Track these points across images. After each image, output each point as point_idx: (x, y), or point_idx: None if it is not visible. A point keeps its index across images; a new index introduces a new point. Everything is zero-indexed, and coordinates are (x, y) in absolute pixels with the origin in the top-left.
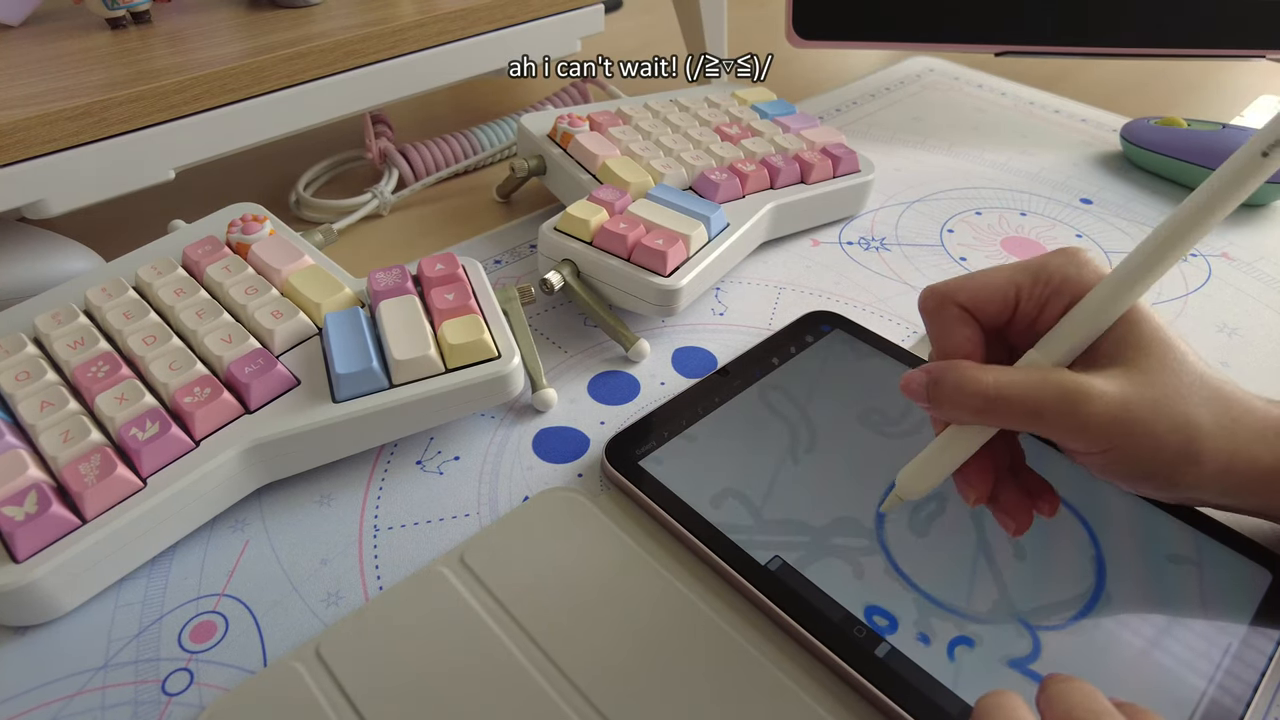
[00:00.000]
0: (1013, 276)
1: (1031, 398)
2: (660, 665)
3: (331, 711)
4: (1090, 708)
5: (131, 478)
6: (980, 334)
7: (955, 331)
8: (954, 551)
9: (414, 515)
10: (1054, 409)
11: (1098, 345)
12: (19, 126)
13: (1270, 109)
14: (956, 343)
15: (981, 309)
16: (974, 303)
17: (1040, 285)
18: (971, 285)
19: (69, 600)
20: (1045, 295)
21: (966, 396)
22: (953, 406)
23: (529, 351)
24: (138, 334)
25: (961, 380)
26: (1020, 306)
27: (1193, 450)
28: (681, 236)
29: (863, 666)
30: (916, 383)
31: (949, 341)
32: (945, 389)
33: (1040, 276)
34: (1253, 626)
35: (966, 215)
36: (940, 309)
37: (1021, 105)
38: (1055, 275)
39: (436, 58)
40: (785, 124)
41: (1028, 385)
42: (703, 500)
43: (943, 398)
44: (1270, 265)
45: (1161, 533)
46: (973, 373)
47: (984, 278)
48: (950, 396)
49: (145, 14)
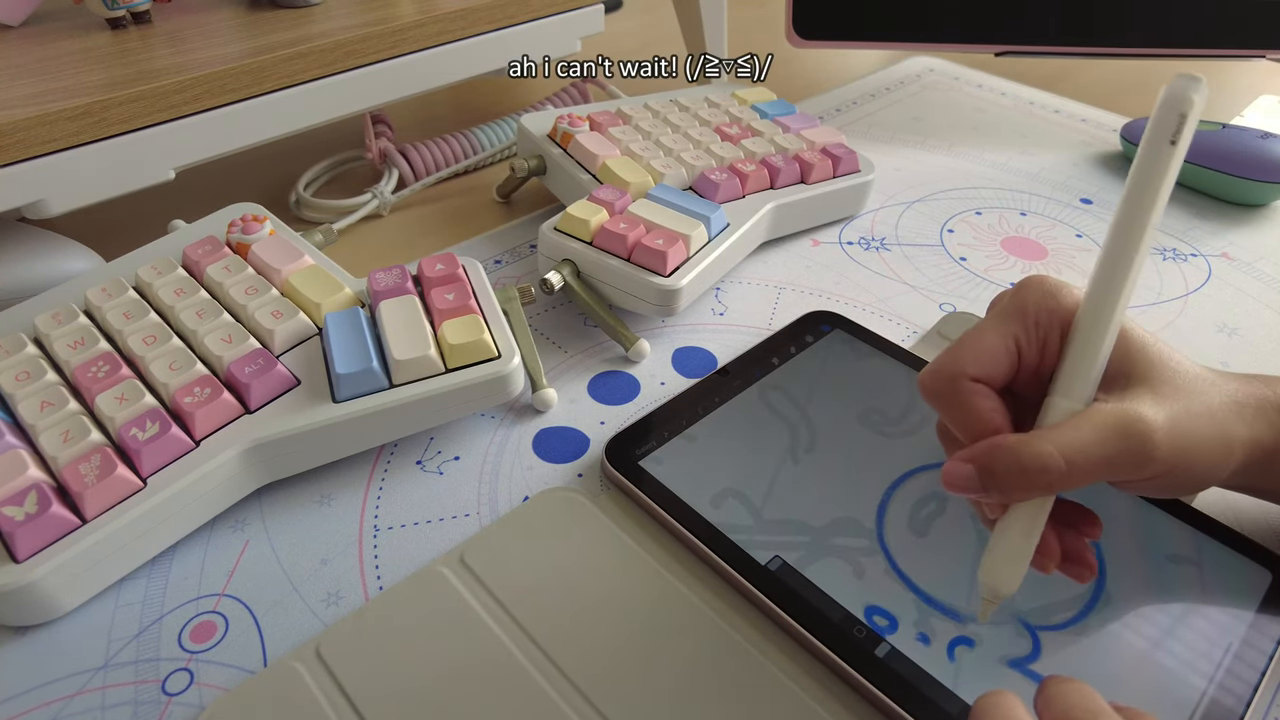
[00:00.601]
0: (1007, 330)
1: (1098, 451)
2: (660, 665)
3: (331, 711)
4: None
5: (131, 478)
6: (1002, 404)
7: (978, 407)
8: (954, 552)
9: (414, 515)
10: (1124, 452)
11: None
12: (19, 126)
13: (1270, 109)
14: (985, 419)
15: (994, 376)
16: (985, 372)
17: (1032, 330)
18: (976, 354)
19: (69, 600)
20: (1041, 338)
21: (1033, 475)
22: (1019, 490)
23: (529, 351)
24: (138, 334)
25: (1021, 460)
26: (1023, 358)
27: (1227, 444)
28: (681, 236)
29: (863, 666)
30: (963, 476)
31: (975, 420)
32: (1004, 475)
33: (1028, 321)
34: (1253, 627)
35: (966, 215)
36: (953, 388)
37: (1021, 105)
38: (1041, 314)
39: (436, 58)
40: (785, 124)
41: (1092, 440)
42: (703, 500)
43: (1004, 484)
44: (1270, 265)
45: (1161, 533)
46: (1032, 450)
47: (982, 343)
48: (1013, 481)
49: (145, 14)
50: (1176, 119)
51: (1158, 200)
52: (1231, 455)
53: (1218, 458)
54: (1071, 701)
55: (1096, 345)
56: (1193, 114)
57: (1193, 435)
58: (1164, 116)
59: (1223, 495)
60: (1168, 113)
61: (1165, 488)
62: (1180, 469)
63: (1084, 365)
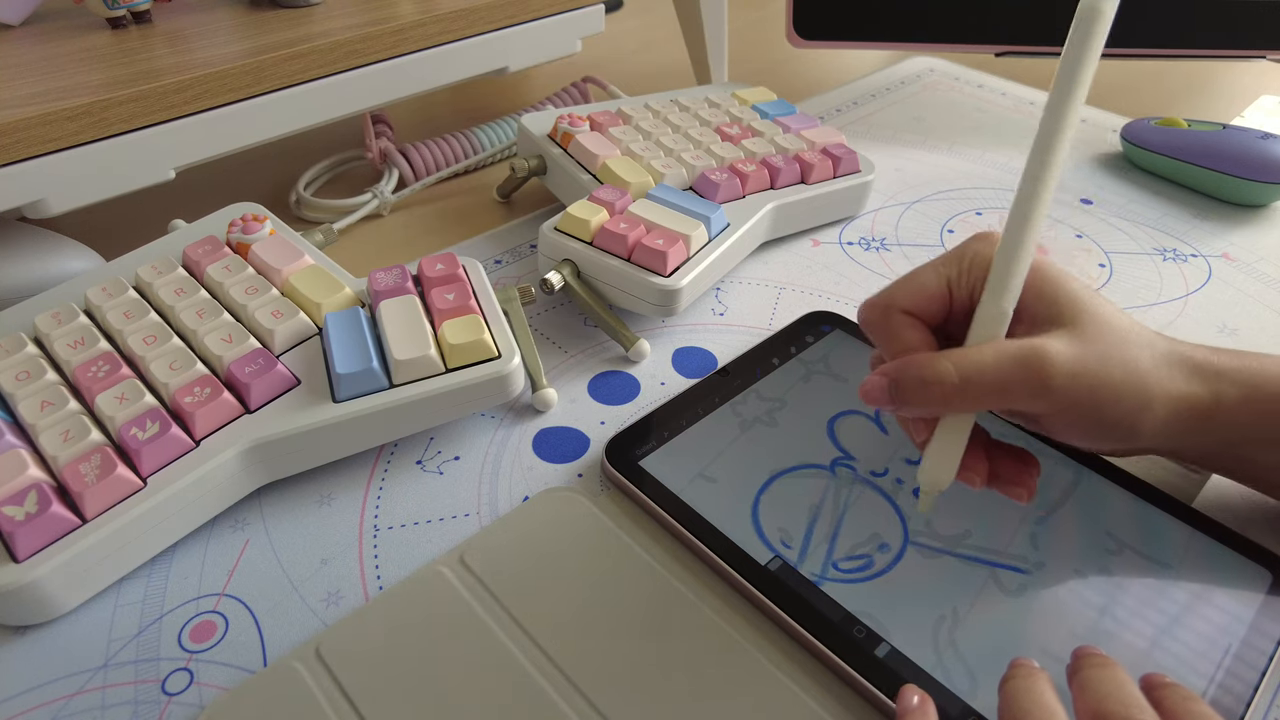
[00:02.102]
0: (941, 271)
1: (993, 372)
2: (660, 665)
3: (331, 711)
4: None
5: (131, 477)
6: (930, 334)
7: (906, 337)
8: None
9: (414, 515)
10: (1019, 378)
11: (1032, 312)
12: (19, 126)
13: (1270, 109)
14: (911, 348)
15: (924, 310)
16: (916, 306)
17: (965, 273)
18: (909, 289)
19: (69, 600)
20: (973, 281)
21: (931, 389)
22: (920, 402)
23: (529, 351)
24: (138, 334)
25: (923, 375)
26: (955, 298)
27: (1145, 396)
28: (682, 236)
29: (863, 666)
30: (877, 388)
31: (902, 348)
32: (908, 387)
33: (963, 264)
34: (1253, 626)
35: (967, 215)
36: (885, 319)
37: (1021, 105)
38: (977, 260)
39: (436, 58)
40: (785, 124)
41: (987, 362)
42: (703, 500)
43: (907, 396)
44: (1270, 265)
45: (1162, 532)
46: (932, 365)
47: (917, 279)
48: (915, 393)
49: (146, 13)
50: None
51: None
52: (1150, 407)
53: (1132, 405)
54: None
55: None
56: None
57: (1103, 378)
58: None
59: (1223, 495)
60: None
61: (1080, 429)
62: (1085, 409)
63: (1000, 270)
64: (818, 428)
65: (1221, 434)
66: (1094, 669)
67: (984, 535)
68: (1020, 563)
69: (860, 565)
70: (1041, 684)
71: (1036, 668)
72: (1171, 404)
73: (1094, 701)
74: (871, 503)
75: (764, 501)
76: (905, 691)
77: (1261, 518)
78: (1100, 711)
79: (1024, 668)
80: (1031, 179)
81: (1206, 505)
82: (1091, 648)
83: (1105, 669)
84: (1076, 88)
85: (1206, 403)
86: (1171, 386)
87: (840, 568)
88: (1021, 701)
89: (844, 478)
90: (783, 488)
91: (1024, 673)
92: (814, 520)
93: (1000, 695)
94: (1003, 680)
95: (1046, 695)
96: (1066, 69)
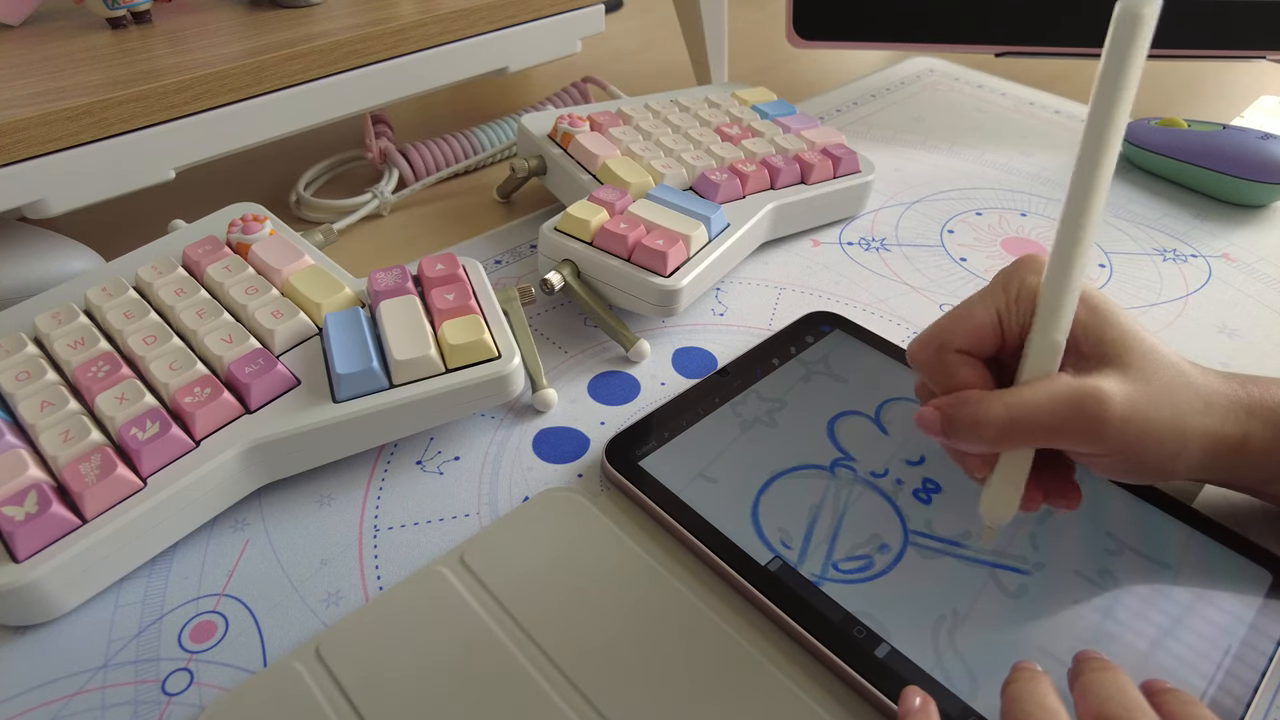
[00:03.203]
0: (991, 304)
1: (1048, 415)
2: (660, 665)
3: (331, 711)
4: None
5: (131, 477)
6: (985, 370)
7: (962, 375)
8: None
9: (414, 515)
10: (1073, 421)
11: (1080, 347)
12: (19, 126)
13: (1270, 109)
14: (969, 384)
15: (979, 346)
16: (970, 343)
17: (1014, 303)
18: (961, 326)
19: (69, 600)
20: (1023, 312)
21: (983, 430)
22: (972, 440)
23: (529, 352)
24: (138, 334)
25: (975, 416)
26: (1006, 331)
27: (1184, 438)
28: (682, 237)
29: (863, 666)
30: (931, 421)
31: (958, 387)
32: (960, 425)
33: (1010, 294)
34: (1253, 627)
35: (967, 215)
36: (940, 358)
37: (1021, 105)
38: (1024, 287)
39: (436, 58)
40: (786, 124)
41: (1040, 402)
42: (703, 500)
43: (959, 433)
44: (1270, 265)
45: (1162, 533)
46: (985, 405)
47: (969, 315)
48: (967, 431)
49: (146, 14)
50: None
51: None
52: (1187, 448)
53: (1171, 448)
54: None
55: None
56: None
57: (1150, 421)
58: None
59: (1223, 495)
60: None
61: (1121, 469)
62: (1132, 451)
63: (1049, 300)
64: (818, 428)
65: (1250, 470)
66: (1095, 672)
67: None
68: (1020, 563)
69: (860, 566)
70: (1044, 687)
71: (1039, 670)
72: (1206, 443)
73: (1096, 704)
74: (871, 503)
75: (764, 502)
76: (907, 693)
77: (1261, 518)
78: (1102, 714)
79: (1026, 670)
80: (1077, 202)
81: (1206, 505)
82: (1092, 652)
83: (1106, 672)
84: (1119, 101)
85: (1236, 440)
86: (1207, 426)
87: (840, 568)
88: (1025, 704)
89: (844, 478)
90: (783, 488)
91: (1026, 675)
92: (814, 521)
93: (1003, 697)
94: (1006, 683)
95: (1049, 698)
96: (1107, 81)
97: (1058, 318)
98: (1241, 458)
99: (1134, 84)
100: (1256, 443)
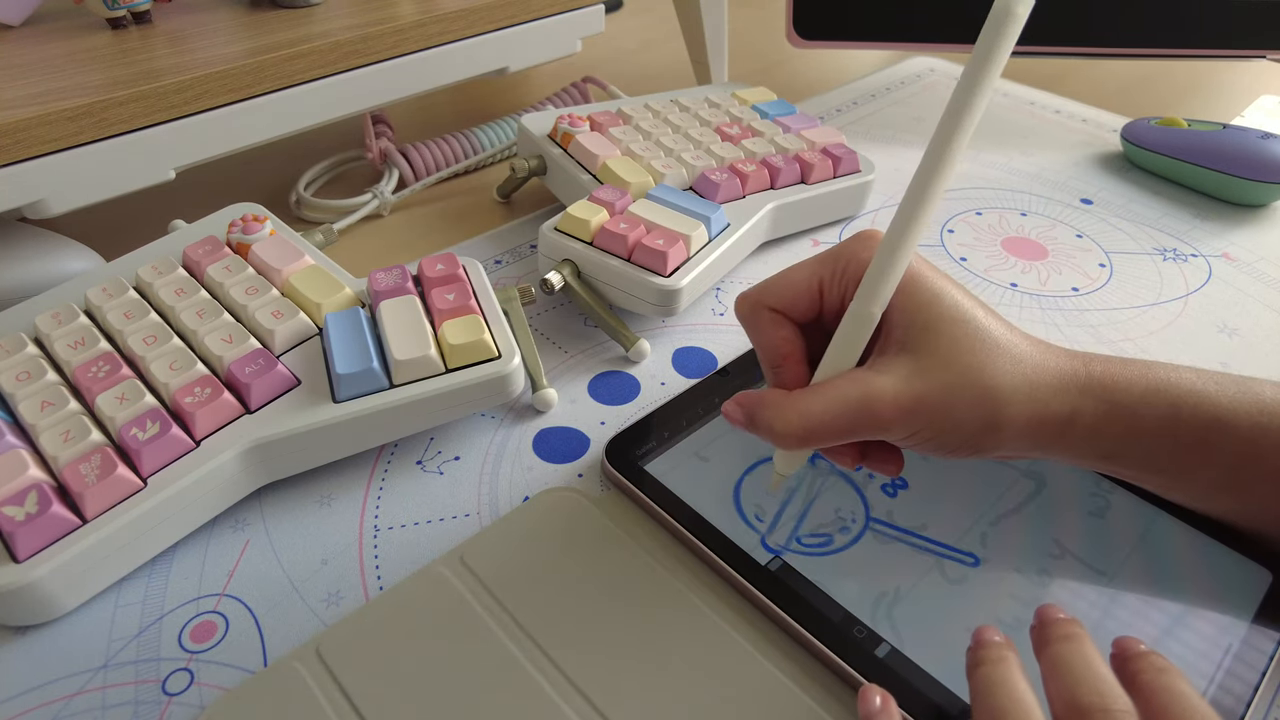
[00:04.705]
0: (814, 270)
1: (834, 421)
2: (660, 665)
3: (331, 711)
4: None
5: (132, 478)
6: (795, 331)
7: (772, 334)
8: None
9: (414, 515)
10: (858, 422)
11: (891, 333)
12: (19, 126)
13: (1270, 109)
14: (775, 344)
15: (791, 308)
16: (783, 303)
17: (840, 274)
18: (778, 287)
19: (69, 600)
20: (846, 283)
21: (780, 437)
22: (774, 441)
23: (529, 351)
24: (138, 334)
25: (773, 422)
26: (826, 298)
27: (994, 420)
28: (682, 236)
29: (863, 666)
30: (734, 415)
31: (768, 344)
32: (761, 428)
33: (837, 266)
34: (1253, 626)
35: (967, 215)
36: (754, 314)
37: (1021, 105)
38: (850, 260)
39: (436, 58)
40: (785, 124)
41: (828, 408)
42: (703, 500)
43: (760, 434)
44: (1270, 265)
45: (1162, 532)
46: (781, 413)
47: (789, 277)
48: (768, 432)
49: (146, 14)
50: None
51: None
52: (997, 427)
53: (973, 428)
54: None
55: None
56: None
57: (942, 409)
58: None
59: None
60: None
61: (927, 450)
62: (929, 435)
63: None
64: None
65: (1084, 447)
66: (1062, 643)
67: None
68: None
69: (821, 541)
70: (1014, 674)
71: (1004, 647)
72: (1025, 421)
73: (1067, 688)
74: (842, 491)
75: (746, 483)
76: (866, 692)
77: None
78: (1074, 701)
79: (992, 648)
80: (920, 184)
81: None
82: (1055, 610)
83: (1072, 642)
84: (979, 92)
85: (1062, 418)
86: (1027, 408)
87: (803, 541)
88: (997, 697)
89: (821, 468)
90: (765, 472)
91: (994, 656)
92: (787, 501)
93: (971, 681)
94: (972, 663)
95: (1019, 687)
96: (972, 71)
97: (876, 292)
98: (1069, 435)
99: (998, 72)
100: (1085, 420)
